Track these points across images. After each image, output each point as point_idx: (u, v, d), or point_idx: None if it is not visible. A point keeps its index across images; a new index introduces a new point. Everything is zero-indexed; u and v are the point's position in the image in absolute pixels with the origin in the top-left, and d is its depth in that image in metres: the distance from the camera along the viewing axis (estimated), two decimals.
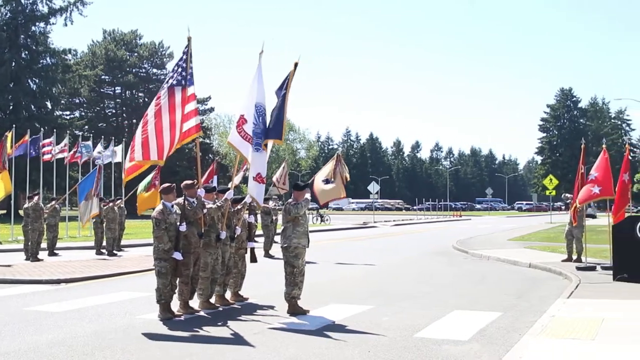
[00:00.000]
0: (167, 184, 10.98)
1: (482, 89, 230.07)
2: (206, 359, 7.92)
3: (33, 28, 61.27)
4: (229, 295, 12.17)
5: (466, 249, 24.08)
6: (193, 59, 11.19)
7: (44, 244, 21.77)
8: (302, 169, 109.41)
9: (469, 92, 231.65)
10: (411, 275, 16.83)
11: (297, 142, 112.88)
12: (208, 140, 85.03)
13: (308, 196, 11.25)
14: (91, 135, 37.55)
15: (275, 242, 21.20)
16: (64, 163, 34.04)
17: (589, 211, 18.36)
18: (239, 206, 12.03)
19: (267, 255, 21.38)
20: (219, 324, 10.12)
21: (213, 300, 11.61)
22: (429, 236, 36.64)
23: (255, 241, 13.07)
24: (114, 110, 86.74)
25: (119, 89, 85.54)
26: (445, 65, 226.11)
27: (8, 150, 25.84)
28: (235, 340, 8.94)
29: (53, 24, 63.26)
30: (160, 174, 22.65)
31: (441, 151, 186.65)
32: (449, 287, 14.51)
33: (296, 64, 11.54)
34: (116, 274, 16.42)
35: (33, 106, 60.61)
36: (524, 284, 14.91)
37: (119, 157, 34.92)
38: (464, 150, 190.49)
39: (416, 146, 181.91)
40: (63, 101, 70.75)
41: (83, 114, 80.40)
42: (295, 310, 10.81)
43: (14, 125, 33.07)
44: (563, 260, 18.17)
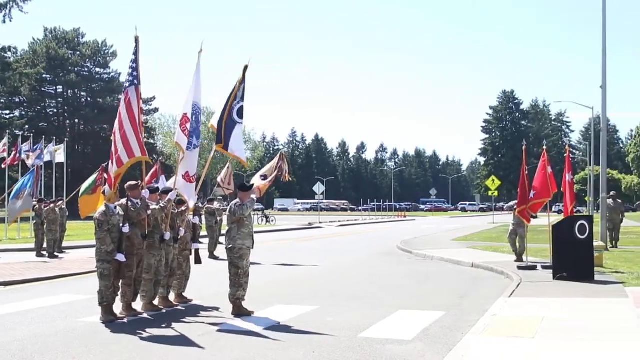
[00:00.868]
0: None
1: (427, 90, 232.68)
2: None
3: None
4: (172, 297, 12.07)
5: (410, 249, 24.28)
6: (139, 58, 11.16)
7: None
8: (248, 170, 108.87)
9: (413, 93, 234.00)
10: (356, 276, 16.91)
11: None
12: (152, 141, 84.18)
13: (254, 197, 11.23)
14: (32, 135, 36.79)
15: (219, 243, 21.06)
16: (2, 166, 33.24)
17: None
18: (183, 207, 11.95)
19: (212, 256, 21.25)
20: (162, 326, 10.02)
21: (156, 302, 11.50)
22: (373, 237, 36.85)
23: (200, 242, 13.01)
24: (56, 110, 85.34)
25: (60, 88, 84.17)
26: (389, 66, 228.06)
27: None
28: (179, 342, 8.87)
29: None
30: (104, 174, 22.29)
31: (386, 152, 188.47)
32: (393, 287, 14.61)
33: (246, 67, 11.58)
34: (57, 276, 16.14)
35: None
36: (467, 284, 15.11)
37: (61, 158, 34.33)
38: (408, 151, 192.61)
39: (361, 147, 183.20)
40: (3, 100, 69.32)
41: (23, 113, 78.94)
42: (240, 312, 10.77)
43: None
44: (515, 261, 18.24)
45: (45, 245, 22.03)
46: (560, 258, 14.71)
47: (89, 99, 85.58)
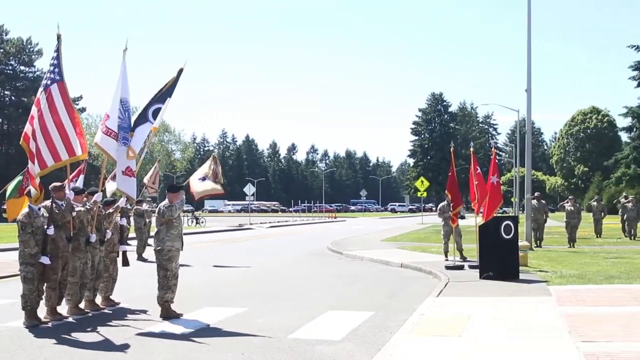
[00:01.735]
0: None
1: (357, 91, 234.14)
2: None
3: None
4: (99, 300, 11.86)
5: (341, 250, 24.40)
6: (63, 57, 10.93)
7: None
8: (178, 171, 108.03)
9: (344, 94, 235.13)
10: (286, 277, 16.91)
11: (173, 144, 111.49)
12: None
13: (183, 198, 11.12)
14: None
15: (148, 245, 20.79)
16: None
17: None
18: (110, 209, 11.75)
19: (140, 258, 20.97)
20: (87, 330, 9.83)
21: (82, 305, 11.27)
22: (304, 238, 36.92)
23: (128, 244, 12.83)
24: None
25: None
26: (320, 67, 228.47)
27: None
28: (105, 347, 8.71)
29: None
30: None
31: (317, 153, 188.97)
32: (323, 288, 14.67)
33: (181, 70, 11.49)
34: None
35: None
36: (396, 284, 15.26)
37: None
38: (339, 152, 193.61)
39: (292, 148, 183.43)
40: None
41: None
42: (168, 314, 10.65)
43: None
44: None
45: None
46: (487, 258, 14.99)
47: (12, 98, 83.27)
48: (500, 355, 7.78)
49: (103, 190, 11.44)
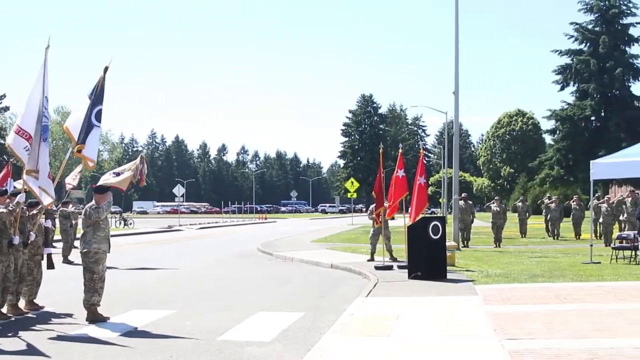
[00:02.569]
0: None
1: (288, 91, 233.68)
2: None
3: None
4: (22, 304, 11.54)
5: (271, 250, 24.38)
6: None
7: None
8: (105, 171, 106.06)
9: (275, 94, 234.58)
10: (216, 278, 16.79)
11: (100, 144, 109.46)
12: (2, 141, 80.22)
13: (110, 199, 10.93)
14: None
15: (74, 247, 20.37)
16: None
17: None
18: (34, 210, 11.47)
19: (66, 261, 20.52)
20: (9, 335, 9.56)
21: (5, 310, 10.96)
22: (234, 239, 36.75)
23: (53, 246, 12.56)
24: None
25: None
26: (250, 67, 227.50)
27: None
28: (28, 352, 8.49)
29: None
30: None
31: (247, 154, 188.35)
32: (253, 289, 14.62)
33: (106, 68, 11.28)
34: None
35: None
36: (326, 284, 15.32)
37: None
38: (269, 153, 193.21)
39: (222, 149, 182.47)
40: None
41: None
42: (95, 318, 10.45)
43: None
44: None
45: None
46: (415, 258, 15.18)
47: None
48: (428, 355, 7.89)
49: (26, 191, 11.12)
